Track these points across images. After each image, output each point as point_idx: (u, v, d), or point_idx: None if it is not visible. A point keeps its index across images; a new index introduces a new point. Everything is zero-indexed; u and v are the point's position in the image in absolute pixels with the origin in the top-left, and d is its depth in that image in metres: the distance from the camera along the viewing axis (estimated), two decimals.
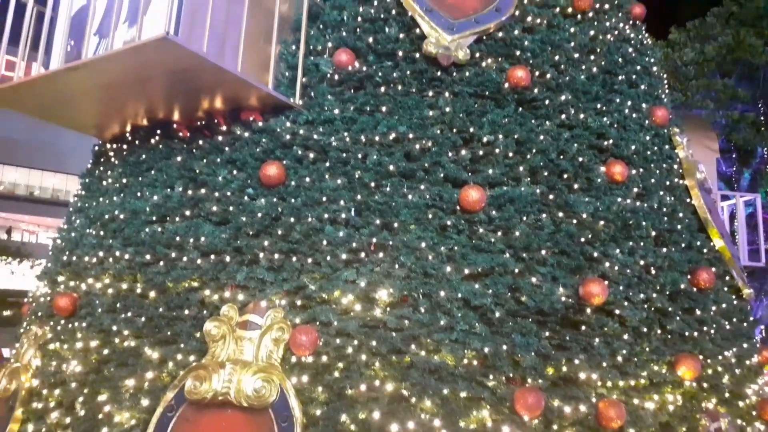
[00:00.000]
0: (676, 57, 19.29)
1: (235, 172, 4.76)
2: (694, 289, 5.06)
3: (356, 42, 5.06)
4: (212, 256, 4.47)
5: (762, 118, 19.77)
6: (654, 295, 4.77)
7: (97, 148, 6.04)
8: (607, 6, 5.82)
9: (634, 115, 5.41)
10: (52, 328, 4.99)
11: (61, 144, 35.72)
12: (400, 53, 5.00)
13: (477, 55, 5.05)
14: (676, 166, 5.65)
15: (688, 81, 18.97)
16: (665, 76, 6.83)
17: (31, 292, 5.82)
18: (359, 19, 5.15)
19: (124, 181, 5.27)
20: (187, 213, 4.70)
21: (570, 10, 5.49)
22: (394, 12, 5.13)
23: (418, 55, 4.99)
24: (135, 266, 4.73)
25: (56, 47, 4.99)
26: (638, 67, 5.76)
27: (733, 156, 20.59)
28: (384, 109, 4.82)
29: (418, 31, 5.04)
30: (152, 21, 4.36)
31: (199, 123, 5.12)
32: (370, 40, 5.05)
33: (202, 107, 4.97)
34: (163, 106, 5.02)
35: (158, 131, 5.26)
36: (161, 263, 4.60)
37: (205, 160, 4.91)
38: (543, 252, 4.48)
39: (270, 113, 4.93)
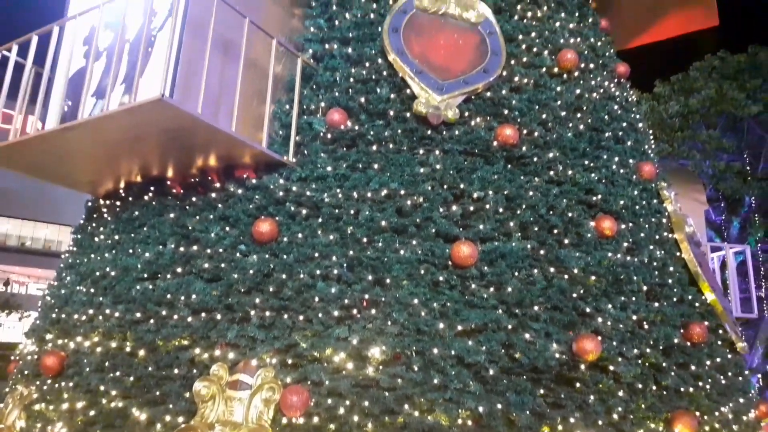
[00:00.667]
0: (661, 109, 19.75)
1: (227, 228, 4.78)
2: (688, 344, 5.04)
3: (349, 102, 5.18)
4: (203, 314, 4.44)
5: (748, 167, 20.10)
6: (648, 350, 4.75)
7: (90, 203, 6.07)
8: (592, 65, 6.02)
9: (621, 171, 5.52)
10: (38, 388, 4.89)
11: (55, 194, 35.73)
12: (392, 113, 5.12)
13: (466, 114, 5.17)
14: (665, 220, 5.72)
15: (674, 132, 19.35)
16: (651, 130, 7.00)
17: (18, 349, 5.72)
18: (352, 80, 5.29)
19: (117, 237, 5.27)
20: (179, 270, 4.69)
21: (556, 69, 5.67)
22: (385, 73, 5.28)
23: (408, 114, 5.11)
24: (125, 324, 4.68)
25: (52, 107, 5.08)
26: (624, 124, 5.90)
27: (722, 205, 20.82)
28: (376, 166, 4.90)
29: (408, 91, 5.18)
30: (148, 83, 4.47)
31: (192, 180, 5.18)
32: (362, 100, 5.18)
33: (196, 165, 5.04)
34: (157, 164, 5.08)
35: (152, 188, 5.31)
36: (151, 321, 4.56)
37: (197, 217, 4.94)
38: (536, 308, 4.48)
39: (263, 170, 5.00)
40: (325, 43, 5.53)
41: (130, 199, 5.46)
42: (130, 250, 5.05)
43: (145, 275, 4.81)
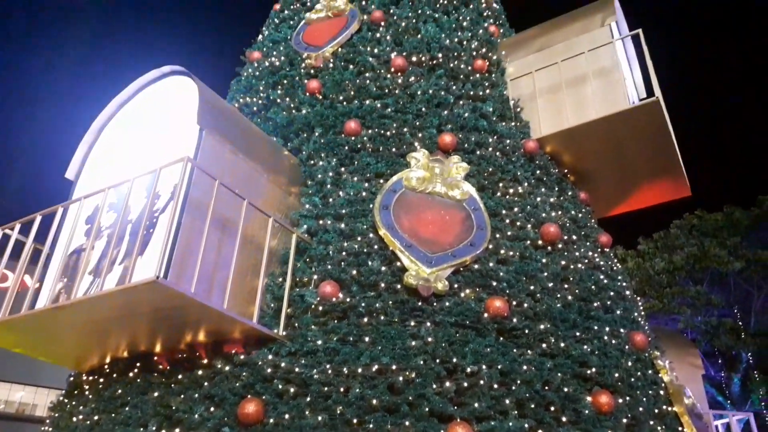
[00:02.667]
0: (648, 266, 20.20)
1: (212, 408, 4.61)
2: None
3: (341, 274, 5.29)
4: None
5: (740, 323, 20.08)
6: None
7: (71, 378, 5.88)
8: (575, 237, 6.26)
9: (613, 341, 5.50)
10: None
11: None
12: (383, 284, 5.21)
13: (455, 285, 5.27)
14: (662, 392, 5.59)
15: (663, 289, 19.61)
16: (639, 287, 7.09)
17: None
18: (344, 253, 5.45)
19: (96, 418, 5.04)
20: None
21: (540, 242, 5.89)
22: (376, 247, 5.46)
23: (399, 286, 5.19)
24: None
25: (47, 284, 5.13)
26: (612, 293, 6.00)
27: (719, 361, 20.45)
28: (367, 339, 4.87)
29: (399, 264, 5.32)
30: (146, 262, 4.58)
31: (180, 356, 5.09)
32: (354, 272, 5.29)
33: (185, 340, 4.99)
34: (146, 340, 5.03)
35: (137, 364, 5.19)
36: None
37: (182, 396, 4.78)
38: None
39: (253, 345, 4.95)
40: (320, 219, 5.78)
41: (114, 375, 5.32)
42: None
43: None
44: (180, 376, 4.93)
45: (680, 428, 5.37)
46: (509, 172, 6.45)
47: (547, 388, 4.83)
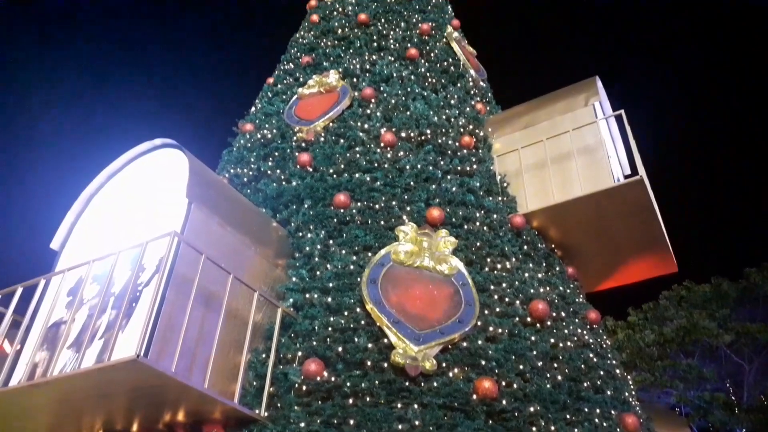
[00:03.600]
0: (638, 338, 20.02)
1: None
2: None
3: (326, 351, 5.18)
4: None
5: (733, 398, 19.75)
6: None
7: None
8: (563, 314, 6.22)
9: (605, 424, 5.36)
10: None
11: None
12: (369, 363, 5.10)
13: (444, 364, 5.17)
14: None
15: (654, 361, 19.37)
16: (630, 359, 6.98)
17: None
18: (330, 329, 5.36)
19: None
20: None
21: (529, 319, 5.84)
22: (363, 322, 5.38)
23: (386, 364, 5.08)
24: None
25: (24, 358, 4.98)
26: (602, 372, 5.91)
27: None
28: (352, 422, 4.71)
29: (386, 341, 5.23)
30: (127, 338, 4.47)
31: None
32: (340, 349, 5.19)
33: (164, 420, 4.80)
34: (122, 419, 4.84)
35: None
36: None
37: None
38: None
39: (234, 426, 4.77)
40: (306, 292, 5.72)
41: None
42: None
43: None
44: None
45: None
46: (497, 247, 6.47)
47: None
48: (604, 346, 6.50)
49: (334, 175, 7.01)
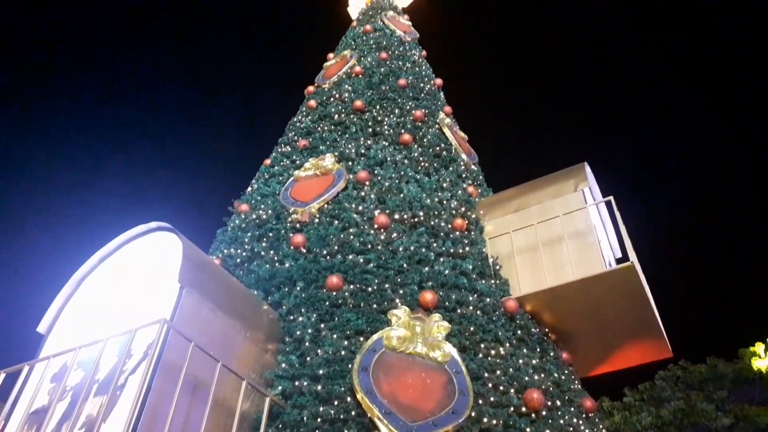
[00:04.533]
0: (635, 420, 19.49)
1: None
2: None
3: None
4: None
5: None
6: None
7: None
8: (558, 402, 6.09)
9: None
10: None
11: None
12: None
13: None
14: None
15: None
16: None
17: None
18: (319, 419, 5.21)
19: None
20: None
21: (524, 409, 5.71)
22: (353, 413, 5.24)
23: None
24: None
25: None
26: None
27: None
28: None
29: None
30: (110, 427, 4.34)
31: None
32: None
33: None
34: None
35: None
36: None
37: None
38: None
39: None
40: (295, 380, 5.60)
41: None
42: None
43: None
44: None
45: None
46: (490, 332, 6.42)
47: None
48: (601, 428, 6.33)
49: (328, 257, 7.03)
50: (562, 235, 7.34)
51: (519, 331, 6.77)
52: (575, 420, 6.08)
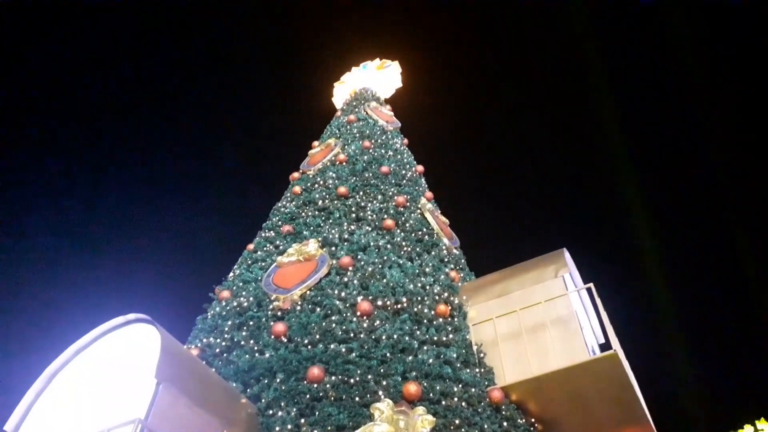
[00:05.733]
0: None
1: None
2: None
3: None
4: None
5: None
6: None
7: None
8: None
9: None
10: None
11: None
12: None
13: None
14: None
15: None
16: None
17: None
18: None
19: None
20: None
21: None
22: None
23: None
24: None
25: None
26: None
27: None
28: None
29: None
30: None
31: None
32: None
33: None
34: None
35: None
36: None
37: None
38: None
39: None
40: None
41: None
42: None
43: None
44: None
45: None
46: (476, 425, 6.26)
47: None
48: None
49: (309, 346, 6.92)
50: (545, 321, 7.34)
51: (505, 423, 6.62)
52: None
